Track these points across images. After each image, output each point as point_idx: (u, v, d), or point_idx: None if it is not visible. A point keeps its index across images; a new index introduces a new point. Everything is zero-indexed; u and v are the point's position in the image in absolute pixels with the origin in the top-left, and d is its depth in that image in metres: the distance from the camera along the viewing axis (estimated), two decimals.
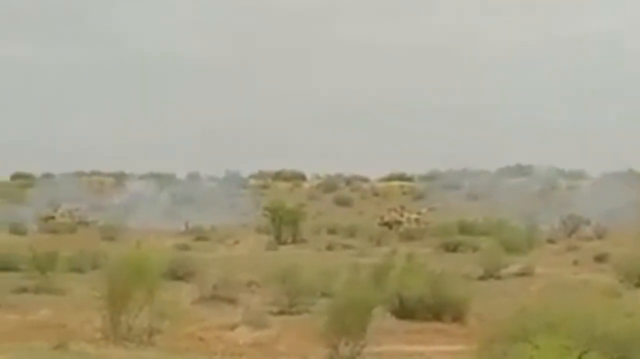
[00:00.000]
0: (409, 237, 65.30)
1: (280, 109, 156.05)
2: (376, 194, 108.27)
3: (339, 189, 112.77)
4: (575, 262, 45.13)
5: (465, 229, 64.65)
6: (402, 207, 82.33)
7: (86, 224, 77.67)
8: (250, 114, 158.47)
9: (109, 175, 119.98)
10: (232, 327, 26.09)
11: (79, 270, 38.71)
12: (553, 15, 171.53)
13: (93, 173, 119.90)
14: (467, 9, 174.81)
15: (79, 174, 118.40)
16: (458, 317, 27.16)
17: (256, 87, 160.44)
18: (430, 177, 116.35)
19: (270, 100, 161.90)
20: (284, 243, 64.82)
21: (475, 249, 50.63)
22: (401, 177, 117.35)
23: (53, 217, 79.07)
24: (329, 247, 58.24)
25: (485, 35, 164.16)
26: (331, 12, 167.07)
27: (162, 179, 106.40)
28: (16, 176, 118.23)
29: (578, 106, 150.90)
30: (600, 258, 45.23)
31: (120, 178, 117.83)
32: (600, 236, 63.48)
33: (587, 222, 68.88)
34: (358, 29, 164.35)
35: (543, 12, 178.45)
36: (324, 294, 29.58)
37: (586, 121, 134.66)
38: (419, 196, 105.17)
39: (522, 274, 40.13)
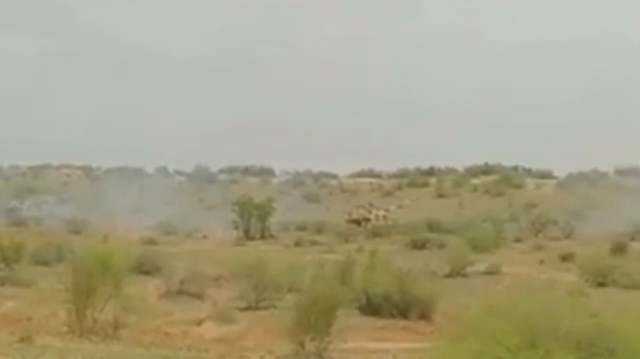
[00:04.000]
0: (376, 234, 65.29)
1: (252, 105, 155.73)
2: (345, 191, 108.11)
3: (307, 185, 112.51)
4: (541, 262, 45.33)
5: (433, 226, 64.69)
6: (371, 204, 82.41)
7: (53, 216, 77.17)
8: (221, 110, 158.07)
9: (77, 168, 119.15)
10: (199, 322, 26.04)
11: (44, 263, 38.51)
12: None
13: (61, 166, 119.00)
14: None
15: (47, 167, 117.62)
16: (424, 314, 27.23)
17: (229, 83, 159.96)
18: (399, 175, 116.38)
19: (241, 96, 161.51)
20: (253, 238, 64.77)
21: (442, 246, 50.60)
22: (370, 174, 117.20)
23: (20, 209, 78.60)
24: (297, 243, 58.24)
25: (478, 35, 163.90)
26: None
27: (130, 173, 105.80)
28: None
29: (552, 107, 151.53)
30: (566, 258, 45.48)
31: (88, 171, 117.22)
32: (567, 236, 63.80)
33: (554, 222, 69.22)
34: (338, 27, 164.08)
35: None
36: (290, 290, 29.63)
37: (559, 121, 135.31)
38: (387, 193, 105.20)
39: (489, 272, 40.28)
